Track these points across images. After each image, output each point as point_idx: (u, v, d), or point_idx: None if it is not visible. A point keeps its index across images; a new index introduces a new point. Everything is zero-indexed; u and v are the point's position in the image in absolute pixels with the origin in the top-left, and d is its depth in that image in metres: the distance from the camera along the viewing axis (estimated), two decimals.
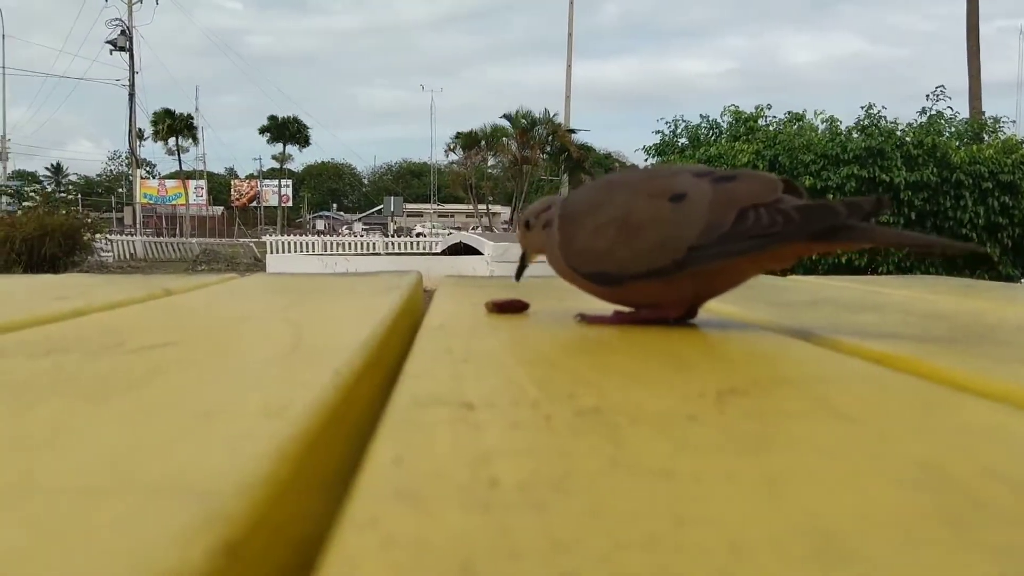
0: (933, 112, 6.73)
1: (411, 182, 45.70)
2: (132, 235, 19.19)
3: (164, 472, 0.23)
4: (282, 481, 0.23)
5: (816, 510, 0.21)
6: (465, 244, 7.39)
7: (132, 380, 0.35)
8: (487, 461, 0.24)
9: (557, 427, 0.29)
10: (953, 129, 6.76)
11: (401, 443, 0.26)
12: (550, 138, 21.97)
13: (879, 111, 6.41)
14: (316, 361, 0.40)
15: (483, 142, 22.37)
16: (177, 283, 0.90)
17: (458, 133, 22.96)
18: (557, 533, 0.19)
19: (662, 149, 7.16)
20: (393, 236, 19.04)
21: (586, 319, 0.58)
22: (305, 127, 35.62)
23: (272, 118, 35.22)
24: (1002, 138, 6.57)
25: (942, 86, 6.95)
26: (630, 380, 0.39)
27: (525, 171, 22.02)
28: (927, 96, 6.94)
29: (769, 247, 0.53)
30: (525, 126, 21.74)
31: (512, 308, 0.64)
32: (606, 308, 0.59)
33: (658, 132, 7.16)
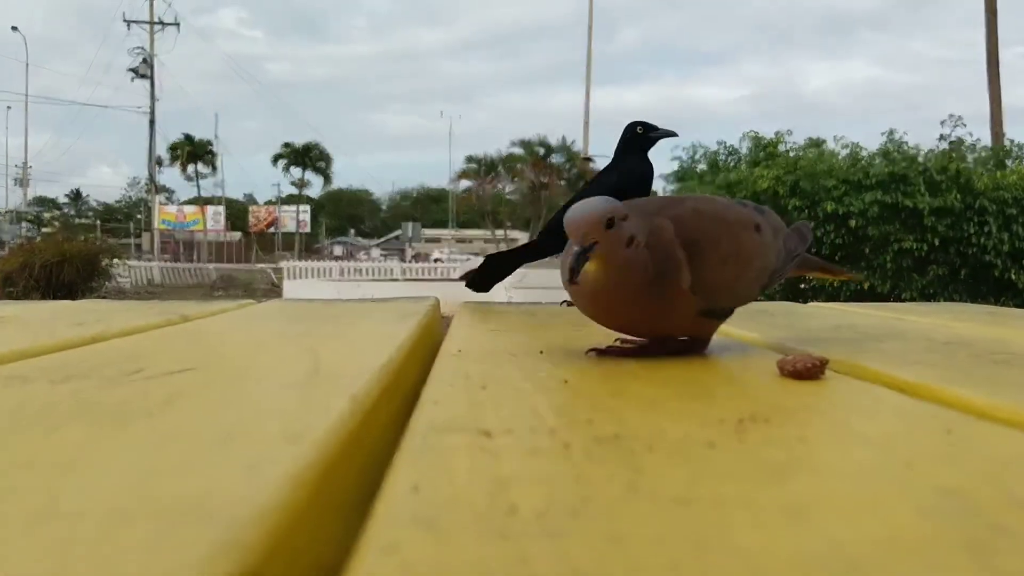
0: (953, 139, 6.72)
1: (429, 207, 45.96)
2: (150, 261, 19.38)
3: (184, 497, 0.23)
4: (300, 507, 0.23)
5: (839, 538, 0.20)
6: None
7: (151, 406, 0.35)
8: (505, 488, 0.24)
9: (575, 454, 0.29)
10: (976, 155, 6.72)
11: (419, 470, 0.26)
12: (567, 165, 22.07)
13: (901, 136, 6.38)
14: (334, 387, 0.40)
15: (499, 168, 22.50)
16: (194, 309, 0.90)
17: (469, 158, 23.03)
18: (576, 560, 0.19)
19: (681, 175, 7.15)
20: (411, 262, 19.11)
21: (630, 351, 0.56)
22: (327, 155, 35.92)
23: (287, 144, 35.55)
24: None
25: (958, 116, 6.95)
26: (649, 407, 0.39)
27: (543, 197, 22.09)
28: (941, 123, 6.94)
29: (794, 266, 0.62)
30: (541, 154, 21.84)
31: (809, 374, 0.45)
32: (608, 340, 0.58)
33: (676, 159, 7.16)
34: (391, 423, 0.41)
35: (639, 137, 1.13)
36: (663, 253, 0.53)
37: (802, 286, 5.55)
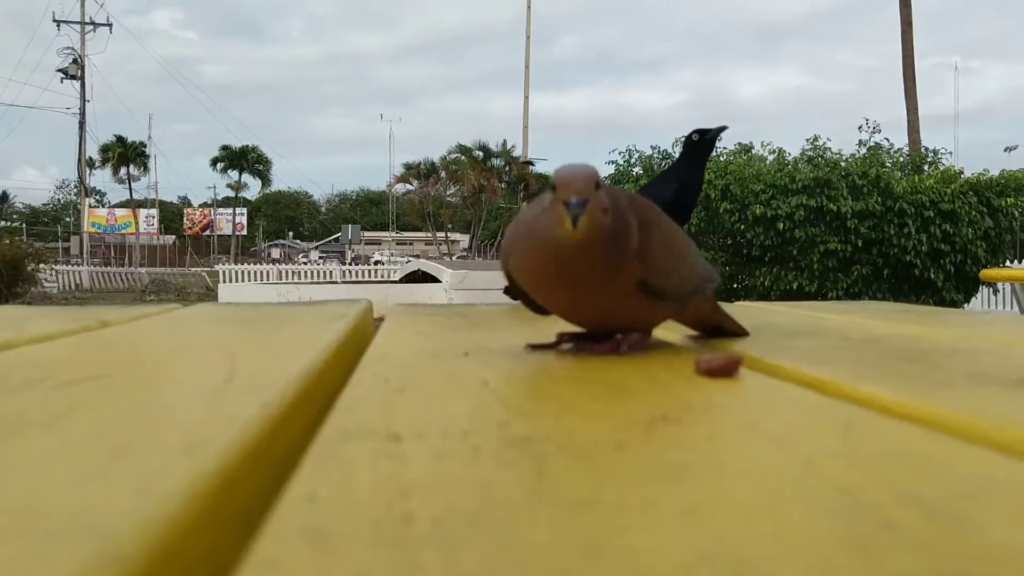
0: (872, 144, 6.99)
1: (369, 210, 45.59)
2: (79, 265, 18.78)
3: (66, 513, 0.22)
4: (191, 521, 0.22)
5: (730, 538, 0.21)
6: (423, 271, 7.35)
7: (49, 417, 0.34)
8: (405, 495, 0.24)
9: (483, 458, 0.28)
10: (893, 160, 7.00)
11: (320, 479, 0.26)
12: (507, 168, 22.13)
13: (824, 142, 6.60)
14: (246, 394, 0.39)
15: (442, 172, 22.42)
16: (115, 314, 0.87)
17: (407, 165, 22.87)
18: (465, 568, 0.19)
19: (617, 179, 7.22)
20: (351, 264, 18.91)
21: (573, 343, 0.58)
22: (265, 158, 35.24)
23: (225, 147, 34.82)
24: (941, 169, 6.78)
25: (875, 121, 7.25)
26: (566, 408, 0.39)
27: (483, 199, 22.12)
28: (859, 128, 7.21)
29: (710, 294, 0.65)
30: (480, 158, 21.85)
31: (724, 371, 0.45)
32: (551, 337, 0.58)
33: (612, 162, 7.22)
34: (307, 430, 0.41)
35: (697, 145, 1.16)
36: (621, 221, 0.53)
37: (735, 286, 5.68)
